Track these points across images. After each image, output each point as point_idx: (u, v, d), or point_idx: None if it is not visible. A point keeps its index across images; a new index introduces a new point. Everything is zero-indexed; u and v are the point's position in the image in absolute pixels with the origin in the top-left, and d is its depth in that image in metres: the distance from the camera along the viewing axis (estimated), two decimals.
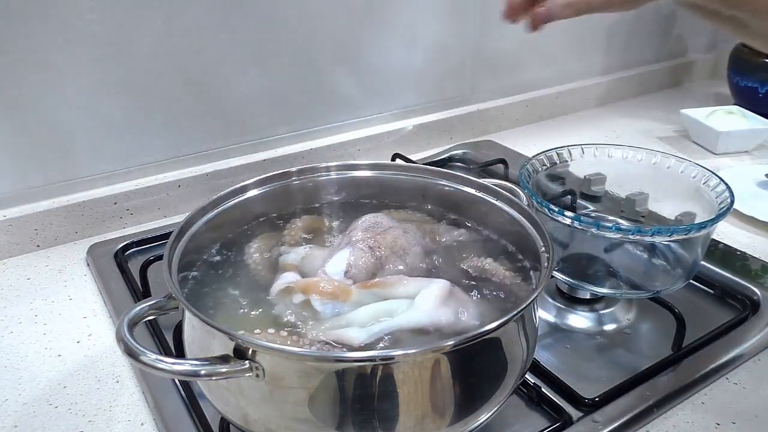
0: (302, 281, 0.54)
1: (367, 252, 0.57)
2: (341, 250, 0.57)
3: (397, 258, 0.58)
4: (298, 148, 1.04)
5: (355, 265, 0.56)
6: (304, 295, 0.52)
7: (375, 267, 0.57)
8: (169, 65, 0.89)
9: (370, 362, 0.42)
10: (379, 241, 0.58)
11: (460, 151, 1.15)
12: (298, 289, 0.53)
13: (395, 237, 0.59)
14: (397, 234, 0.60)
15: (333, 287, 0.52)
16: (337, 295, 0.52)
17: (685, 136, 1.25)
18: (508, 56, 1.25)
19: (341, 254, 0.57)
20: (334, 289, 0.52)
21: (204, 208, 0.60)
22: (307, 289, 0.52)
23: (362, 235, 0.59)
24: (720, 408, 0.60)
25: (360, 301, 0.52)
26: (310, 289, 0.52)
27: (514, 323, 0.47)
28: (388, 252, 0.58)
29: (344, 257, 0.57)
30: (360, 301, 0.52)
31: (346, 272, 0.55)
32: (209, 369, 0.43)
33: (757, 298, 0.73)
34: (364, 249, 0.57)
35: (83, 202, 0.88)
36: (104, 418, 0.59)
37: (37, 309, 0.75)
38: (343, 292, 0.52)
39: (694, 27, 1.57)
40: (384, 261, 0.57)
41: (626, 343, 0.68)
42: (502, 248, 0.63)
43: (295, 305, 0.53)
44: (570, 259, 0.70)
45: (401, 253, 0.59)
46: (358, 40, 1.04)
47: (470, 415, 0.47)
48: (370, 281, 0.54)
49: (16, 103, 0.80)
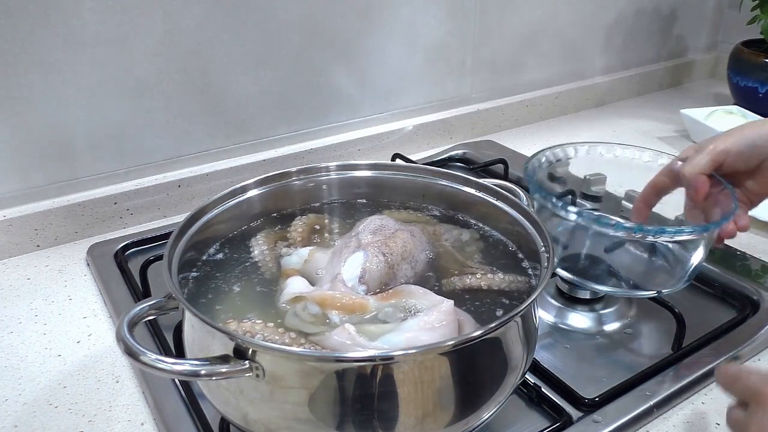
0: (318, 294, 0.53)
1: (380, 259, 0.57)
2: (353, 254, 0.57)
3: (407, 264, 0.59)
4: (298, 148, 1.04)
5: (369, 271, 0.56)
6: (320, 309, 0.52)
7: (388, 276, 0.57)
8: (169, 65, 0.89)
9: (370, 362, 0.43)
10: (390, 247, 0.58)
11: (460, 151, 1.15)
12: (313, 301, 0.52)
13: (405, 242, 0.60)
14: (406, 238, 0.60)
15: (351, 302, 0.52)
16: (355, 310, 0.52)
17: (685, 136, 1.26)
18: (508, 56, 1.26)
19: (355, 259, 0.57)
20: (353, 304, 0.52)
21: (204, 208, 0.60)
22: (324, 303, 0.52)
23: (372, 239, 0.59)
24: (720, 408, 0.60)
25: (376, 311, 0.52)
26: (327, 304, 0.52)
27: (514, 323, 0.47)
28: (399, 259, 0.58)
29: (358, 262, 0.56)
30: (376, 310, 0.52)
31: (361, 278, 0.55)
32: (209, 369, 0.43)
33: (757, 298, 0.73)
34: (377, 255, 0.57)
35: (83, 202, 0.88)
36: (104, 418, 0.59)
37: (37, 309, 0.75)
38: (361, 307, 0.52)
39: (694, 27, 1.57)
40: (396, 269, 0.58)
41: (626, 343, 0.68)
42: (502, 248, 0.63)
43: (308, 313, 0.52)
44: (570, 258, 0.70)
45: (410, 259, 0.59)
46: (358, 40, 1.04)
47: (470, 415, 0.47)
48: (386, 293, 0.54)
49: (16, 103, 0.80)
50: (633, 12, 1.41)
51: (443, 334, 0.48)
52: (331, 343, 0.48)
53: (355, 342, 0.48)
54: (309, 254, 0.60)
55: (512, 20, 1.22)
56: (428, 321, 0.49)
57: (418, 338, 0.48)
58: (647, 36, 1.48)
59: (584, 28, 1.34)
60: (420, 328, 0.48)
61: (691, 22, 1.55)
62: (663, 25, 1.50)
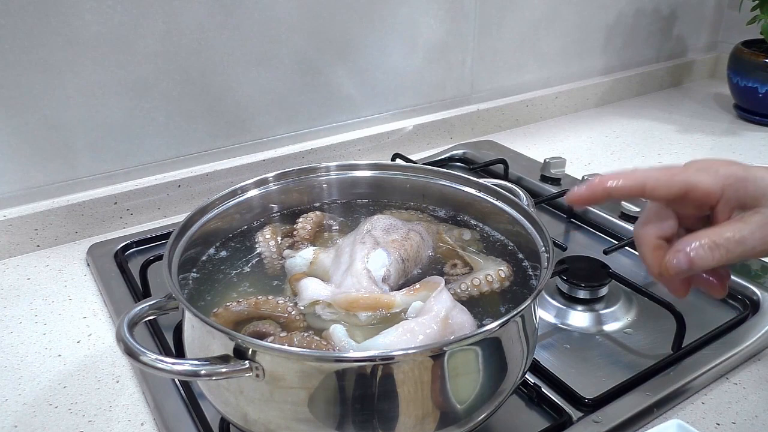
0: (342, 299, 0.53)
1: (399, 261, 0.58)
2: (375, 251, 0.57)
3: (416, 264, 0.60)
4: (298, 148, 1.04)
5: (391, 274, 0.56)
6: (347, 312, 0.52)
7: (404, 275, 0.59)
8: (169, 65, 0.89)
9: (370, 362, 0.42)
10: (408, 251, 0.59)
11: (460, 151, 1.15)
12: (339, 306, 0.52)
13: (418, 245, 0.61)
14: (418, 240, 0.61)
15: (376, 303, 0.53)
16: (381, 308, 0.53)
17: (685, 136, 1.26)
18: (508, 56, 1.26)
19: (378, 256, 0.57)
20: (378, 303, 0.53)
21: (204, 208, 0.60)
22: (351, 307, 0.52)
23: (387, 238, 0.59)
24: (720, 408, 0.60)
25: (400, 306, 0.53)
26: (354, 307, 0.52)
27: (514, 323, 0.47)
28: (413, 264, 0.60)
29: (382, 261, 0.56)
30: (400, 305, 0.53)
31: (384, 279, 0.56)
32: (209, 369, 0.43)
33: (757, 298, 0.72)
34: (398, 260, 0.58)
35: (83, 202, 0.88)
36: (104, 418, 0.59)
37: (37, 309, 0.75)
38: (387, 305, 0.53)
39: (694, 27, 1.57)
40: (408, 269, 0.59)
41: (626, 343, 0.68)
42: (502, 248, 0.63)
43: (332, 313, 0.53)
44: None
45: (419, 261, 0.60)
46: (358, 40, 1.04)
47: (470, 414, 0.47)
48: (413, 288, 0.54)
49: (16, 103, 0.80)
50: (633, 12, 1.41)
51: (424, 340, 0.48)
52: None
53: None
54: (313, 256, 0.60)
55: (512, 20, 1.22)
56: (410, 327, 0.49)
57: (397, 343, 0.48)
58: (647, 36, 1.48)
59: (584, 28, 1.34)
60: (404, 331, 0.48)
61: (691, 22, 1.55)
62: (663, 25, 1.50)
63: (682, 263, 0.43)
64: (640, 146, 1.22)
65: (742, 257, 0.43)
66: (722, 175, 0.44)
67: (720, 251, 0.42)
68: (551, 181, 1.02)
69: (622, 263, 0.82)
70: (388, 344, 0.47)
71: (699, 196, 0.44)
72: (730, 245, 0.42)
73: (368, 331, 0.51)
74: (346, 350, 0.48)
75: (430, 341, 0.47)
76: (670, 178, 0.45)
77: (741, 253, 0.42)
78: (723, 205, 0.45)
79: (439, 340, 0.47)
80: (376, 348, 0.47)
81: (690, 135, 1.27)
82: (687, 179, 0.45)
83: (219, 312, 0.52)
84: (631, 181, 0.45)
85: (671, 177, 0.45)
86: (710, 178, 0.44)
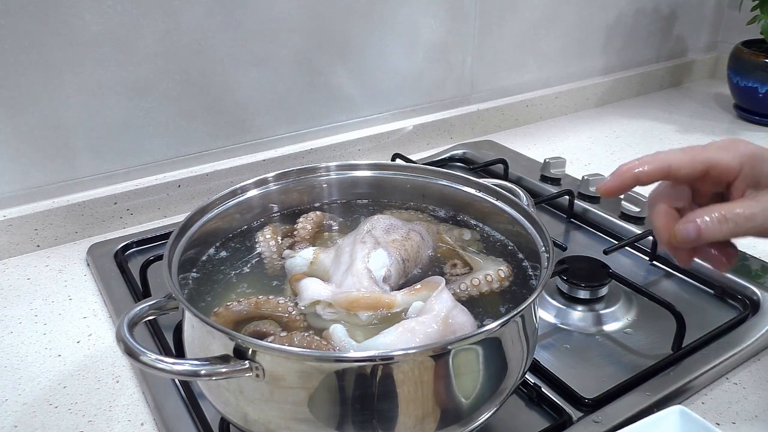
0: (343, 298, 0.53)
1: (400, 261, 0.58)
2: (376, 251, 0.57)
3: (416, 264, 0.60)
4: (298, 148, 1.04)
5: (392, 274, 0.56)
6: (347, 312, 0.52)
7: (405, 274, 0.59)
8: (169, 65, 0.89)
9: (370, 362, 0.42)
10: (408, 252, 0.59)
11: (460, 151, 1.15)
12: (339, 306, 0.52)
13: (418, 245, 0.61)
14: (419, 241, 0.61)
15: (377, 302, 0.53)
16: (381, 308, 0.53)
17: (685, 136, 1.26)
18: (508, 56, 1.26)
19: (378, 255, 0.57)
20: (379, 303, 0.53)
21: (204, 208, 0.60)
22: (352, 306, 0.52)
23: (388, 238, 0.59)
24: (720, 408, 0.60)
25: (400, 305, 0.53)
26: (354, 306, 0.52)
27: (514, 323, 0.47)
28: (413, 264, 0.60)
29: (382, 261, 0.56)
30: (400, 305, 0.53)
31: (385, 279, 0.56)
32: (209, 369, 0.43)
33: (757, 298, 0.72)
34: (398, 260, 0.58)
35: (83, 202, 0.88)
36: (104, 418, 0.59)
37: (37, 309, 0.75)
38: (388, 305, 0.53)
39: (694, 27, 1.57)
40: (408, 269, 0.59)
41: (626, 343, 0.68)
42: (502, 248, 0.63)
43: (333, 313, 0.53)
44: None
45: (419, 261, 0.60)
46: (358, 40, 1.04)
47: (470, 415, 0.47)
48: (414, 288, 0.54)
49: (16, 103, 0.80)
50: (633, 12, 1.41)
51: (425, 340, 0.48)
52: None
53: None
54: (314, 256, 0.60)
55: (512, 20, 1.22)
56: (410, 327, 0.49)
57: (397, 343, 0.48)
58: (647, 36, 1.48)
59: (584, 28, 1.34)
60: (404, 331, 0.48)
61: (691, 22, 1.55)
62: (663, 25, 1.50)
63: (691, 232, 0.45)
64: (640, 146, 1.22)
65: (750, 233, 0.45)
66: (741, 152, 0.46)
67: (729, 225, 0.44)
68: (551, 181, 1.02)
69: (622, 263, 0.82)
70: (389, 344, 0.47)
71: (719, 172, 0.47)
72: (740, 220, 0.44)
73: (369, 330, 0.51)
74: (347, 350, 0.48)
75: (431, 341, 0.47)
76: (692, 157, 0.47)
77: (749, 230, 0.44)
78: (740, 182, 0.46)
79: (440, 340, 0.47)
80: (377, 348, 0.47)
81: (690, 135, 1.27)
82: (709, 157, 0.47)
83: (219, 312, 0.52)
84: (656, 164, 0.47)
85: (694, 156, 0.47)
86: (730, 155, 0.46)
